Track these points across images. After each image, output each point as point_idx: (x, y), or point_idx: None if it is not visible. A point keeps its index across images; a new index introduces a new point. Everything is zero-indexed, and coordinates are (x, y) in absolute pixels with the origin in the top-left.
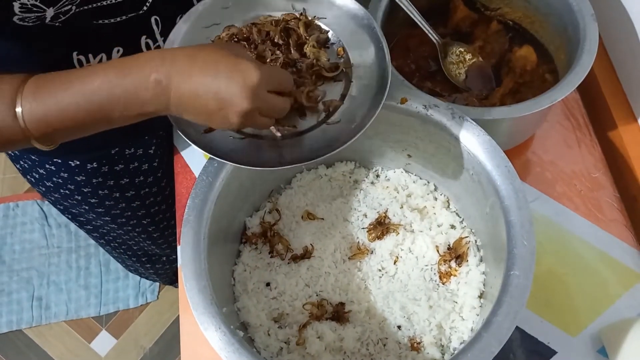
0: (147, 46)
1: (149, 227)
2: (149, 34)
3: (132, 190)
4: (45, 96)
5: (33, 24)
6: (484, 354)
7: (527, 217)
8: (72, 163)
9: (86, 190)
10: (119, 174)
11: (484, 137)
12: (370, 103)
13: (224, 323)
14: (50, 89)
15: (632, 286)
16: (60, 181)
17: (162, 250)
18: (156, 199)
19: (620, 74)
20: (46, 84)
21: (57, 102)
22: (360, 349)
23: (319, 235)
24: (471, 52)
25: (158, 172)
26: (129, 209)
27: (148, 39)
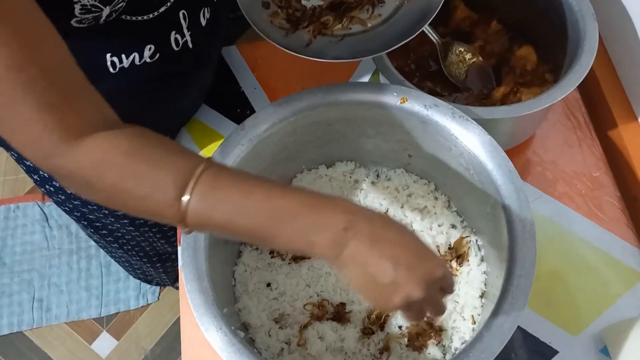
0: (175, 42)
1: (165, 225)
2: (177, 29)
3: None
4: (219, 202)
5: (88, 25)
6: (486, 354)
7: (529, 216)
8: None
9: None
10: None
11: (484, 136)
12: None
13: (224, 324)
14: (225, 197)
15: (633, 285)
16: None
17: (174, 248)
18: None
19: (620, 73)
20: (225, 185)
21: (227, 213)
22: (361, 349)
23: None
24: (471, 52)
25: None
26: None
27: (177, 34)
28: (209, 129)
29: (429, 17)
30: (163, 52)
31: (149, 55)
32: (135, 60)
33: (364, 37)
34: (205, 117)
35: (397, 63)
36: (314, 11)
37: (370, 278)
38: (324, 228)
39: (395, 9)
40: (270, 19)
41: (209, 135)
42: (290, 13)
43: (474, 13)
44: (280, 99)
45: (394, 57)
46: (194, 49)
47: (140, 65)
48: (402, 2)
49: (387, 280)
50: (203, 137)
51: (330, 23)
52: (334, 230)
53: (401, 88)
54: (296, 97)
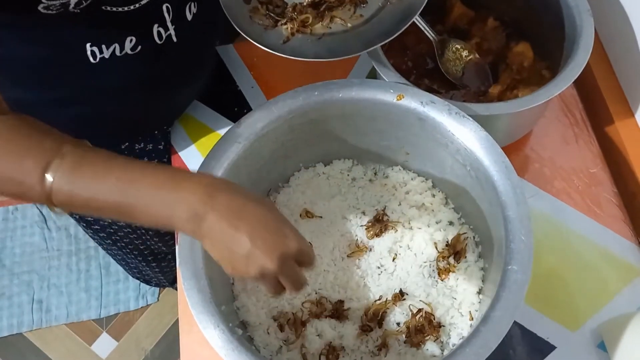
0: (159, 35)
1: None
2: (160, 22)
3: None
4: (79, 177)
5: (56, 12)
6: (483, 349)
7: (525, 212)
8: None
9: None
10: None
11: (481, 133)
12: None
13: (222, 321)
14: (86, 173)
15: (631, 281)
16: None
17: (169, 248)
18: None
19: (617, 69)
20: (84, 166)
21: (88, 189)
22: (359, 346)
23: (318, 233)
24: (468, 49)
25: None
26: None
27: (160, 28)
28: (206, 127)
29: (410, 18)
30: (145, 45)
31: (130, 47)
32: (116, 51)
33: (344, 37)
34: (202, 116)
35: (394, 61)
36: (294, 8)
37: (227, 250)
38: (182, 202)
39: (377, 10)
40: (250, 14)
41: (206, 134)
42: (271, 9)
43: (470, 10)
44: (277, 96)
45: (391, 54)
46: (179, 43)
47: (122, 57)
48: (384, 3)
49: (243, 252)
50: (200, 136)
51: (309, 21)
52: (192, 204)
53: (398, 85)
54: (293, 94)
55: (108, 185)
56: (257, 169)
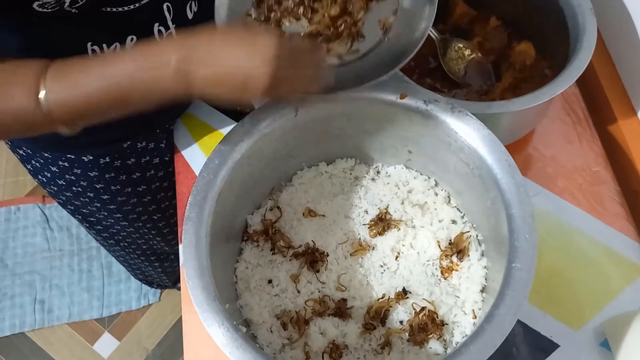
0: (159, 33)
1: (160, 222)
2: (161, 21)
3: (143, 185)
4: (68, 80)
5: (52, 10)
6: (487, 347)
7: (529, 210)
8: (86, 158)
9: (99, 187)
10: (131, 168)
11: (484, 131)
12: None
13: (227, 319)
14: (72, 74)
15: (634, 279)
16: (73, 178)
17: (172, 248)
18: (167, 193)
19: (619, 68)
20: (68, 69)
21: (80, 86)
22: (362, 344)
23: (321, 232)
24: (470, 48)
25: (169, 167)
26: (140, 204)
27: (160, 26)
28: (208, 126)
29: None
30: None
31: (131, 46)
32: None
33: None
34: (205, 115)
35: None
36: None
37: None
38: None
39: (374, 46)
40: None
41: (209, 133)
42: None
43: (472, 10)
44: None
45: None
46: None
47: None
48: (382, 39)
49: (238, 81)
50: (202, 135)
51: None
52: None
53: (401, 84)
54: None
55: (94, 76)
56: (260, 168)
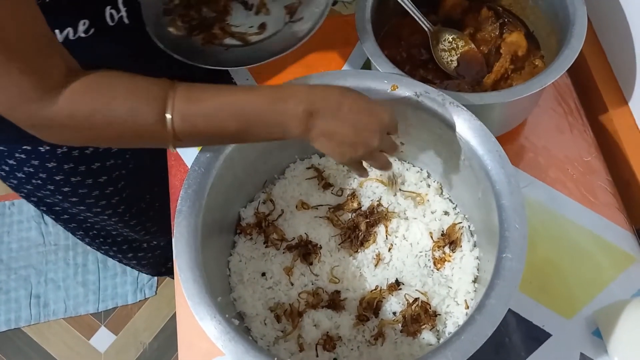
0: (111, 17)
1: (125, 214)
2: (112, 4)
3: (104, 176)
4: (199, 105)
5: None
6: (478, 336)
7: (519, 201)
8: (42, 148)
9: (58, 179)
10: (90, 158)
11: (474, 122)
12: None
13: (219, 312)
14: (204, 99)
15: (625, 268)
16: (32, 170)
17: (141, 237)
18: (127, 181)
19: (610, 58)
20: (200, 94)
21: (210, 107)
22: (356, 335)
23: (314, 224)
24: (463, 39)
25: (127, 154)
26: (102, 196)
27: (112, 10)
28: None
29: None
30: (97, 27)
31: (83, 30)
32: (69, 35)
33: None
34: None
35: (389, 52)
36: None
37: (336, 143)
38: (291, 116)
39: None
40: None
41: None
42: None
43: (464, 0)
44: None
45: (386, 45)
46: (131, 25)
47: (76, 41)
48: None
49: (350, 141)
50: None
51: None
52: (299, 116)
53: (392, 75)
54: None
55: (225, 106)
56: (252, 161)
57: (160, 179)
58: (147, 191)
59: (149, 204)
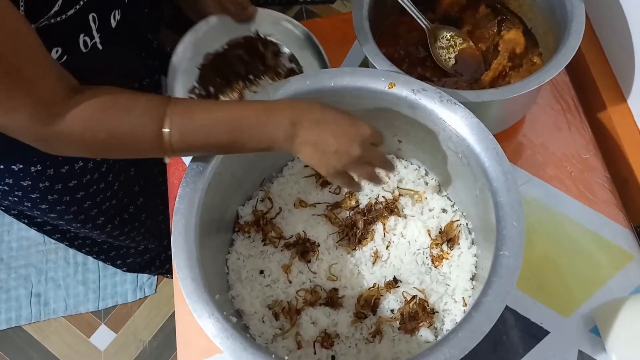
0: (84, 44)
1: (106, 226)
2: (86, 31)
3: (81, 191)
4: (193, 118)
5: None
6: (475, 334)
7: (517, 198)
8: (15, 167)
9: (34, 196)
10: (66, 177)
11: (472, 119)
12: None
13: (217, 310)
14: (197, 113)
15: (623, 266)
16: (7, 188)
17: (127, 244)
18: (105, 194)
19: (608, 55)
20: (193, 108)
21: (204, 122)
22: (354, 333)
23: (312, 222)
24: (462, 37)
25: (102, 167)
26: (81, 211)
27: (86, 37)
28: None
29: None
30: (71, 54)
31: (56, 57)
32: None
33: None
34: None
35: (386, 50)
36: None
37: (320, 153)
38: (278, 126)
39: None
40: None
41: None
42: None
43: None
44: (269, 85)
45: (383, 43)
46: (104, 50)
47: None
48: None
49: (332, 150)
50: None
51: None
52: (285, 127)
53: (389, 73)
54: (285, 84)
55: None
56: (249, 159)
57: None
58: (129, 203)
59: (132, 215)
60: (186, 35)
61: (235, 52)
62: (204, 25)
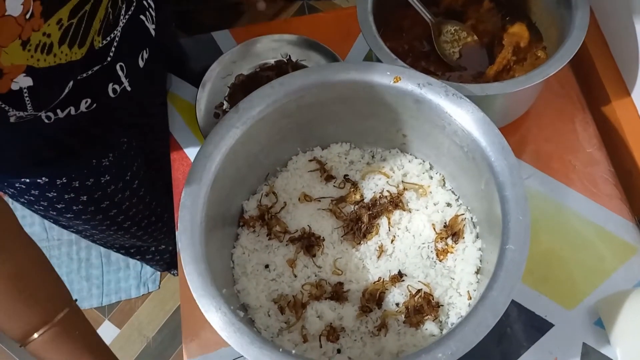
0: (113, 91)
1: (131, 228)
2: (115, 80)
3: (106, 201)
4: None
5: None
6: (480, 327)
7: (522, 192)
8: (41, 180)
9: (60, 207)
10: (91, 188)
11: (477, 113)
12: None
13: (224, 304)
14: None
15: (628, 259)
16: (33, 198)
17: (149, 243)
18: (131, 201)
19: (613, 48)
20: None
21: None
22: (359, 326)
23: (316, 216)
24: (466, 31)
25: (126, 175)
26: (106, 218)
27: (115, 85)
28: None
29: None
30: (100, 102)
31: (85, 106)
32: (71, 112)
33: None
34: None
35: (390, 44)
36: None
37: None
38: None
39: None
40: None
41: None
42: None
43: None
44: (274, 80)
45: (387, 37)
46: (133, 90)
47: (78, 115)
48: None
49: None
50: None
51: None
52: None
53: (394, 67)
54: (290, 78)
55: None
56: (255, 154)
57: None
58: (156, 205)
59: (158, 217)
60: (225, 54)
61: (265, 74)
62: (241, 48)
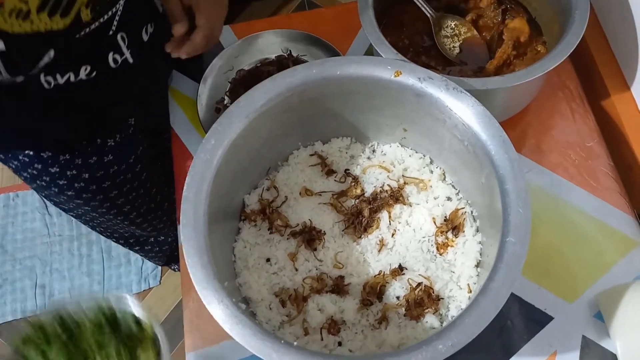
0: (114, 61)
1: (130, 214)
2: (115, 49)
3: (107, 181)
4: None
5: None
6: (481, 320)
7: (523, 186)
8: (44, 155)
9: (62, 183)
10: (93, 167)
11: (478, 107)
12: None
13: (226, 296)
14: None
15: (627, 252)
16: (35, 172)
17: (149, 233)
18: (132, 185)
19: (612, 43)
20: None
21: None
22: (360, 319)
23: (317, 210)
24: (466, 26)
25: (130, 158)
26: (107, 199)
27: (115, 54)
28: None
29: None
30: (99, 71)
31: (85, 74)
32: (70, 79)
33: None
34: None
35: (391, 39)
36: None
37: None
38: None
39: None
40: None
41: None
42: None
43: None
44: (275, 74)
45: (388, 32)
46: (135, 62)
47: (77, 83)
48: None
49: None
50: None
51: None
52: None
53: (395, 62)
54: (291, 72)
55: None
56: (256, 148)
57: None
58: (157, 192)
59: (158, 204)
60: (226, 49)
61: (266, 69)
62: (242, 43)
